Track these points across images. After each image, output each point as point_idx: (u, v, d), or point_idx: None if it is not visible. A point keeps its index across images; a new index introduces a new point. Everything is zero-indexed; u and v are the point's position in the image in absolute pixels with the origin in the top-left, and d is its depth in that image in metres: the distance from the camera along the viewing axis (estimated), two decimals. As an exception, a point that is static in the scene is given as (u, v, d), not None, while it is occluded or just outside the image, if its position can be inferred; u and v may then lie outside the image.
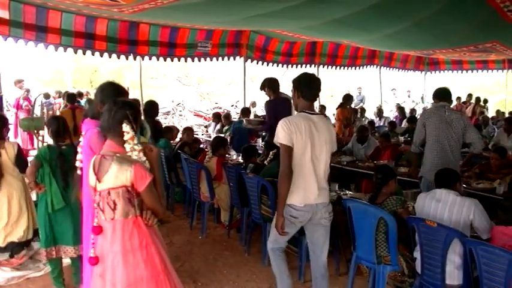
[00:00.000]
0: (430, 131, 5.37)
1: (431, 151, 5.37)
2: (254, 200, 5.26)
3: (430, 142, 5.37)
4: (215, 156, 6.24)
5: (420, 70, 16.86)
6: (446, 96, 5.52)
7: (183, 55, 10.12)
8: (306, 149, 3.57)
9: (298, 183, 3.58)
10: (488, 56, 12.47)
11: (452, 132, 5.26)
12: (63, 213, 4.35)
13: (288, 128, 3.60)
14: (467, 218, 3.66)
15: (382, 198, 4.22)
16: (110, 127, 2.79)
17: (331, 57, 13.14)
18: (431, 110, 5.54)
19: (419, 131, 5.52)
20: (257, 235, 5.65)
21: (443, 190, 3.88)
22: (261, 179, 5.14)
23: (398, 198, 4.21)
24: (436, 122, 5.32)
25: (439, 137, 5.29)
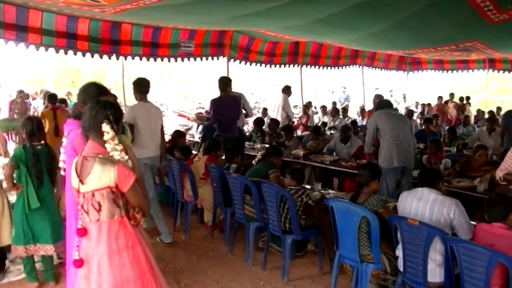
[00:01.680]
0: (382, 127, 5.96)
1: (386, 141, 5.92)
2: (237, 200, 5.26)
3: (384, 134, 5.93)
4: (205, 155, 6.20)
5: (402, 70, 17.00)
6: (391, 104, 6.33)
7: (166, 55, 10.06)
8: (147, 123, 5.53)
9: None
10: (469, 55, 12.60)
11: (403, 123, 5.96)
12: (39, 213, 4.38)
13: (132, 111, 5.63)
14: (447, 217, 3.69)
15: (363, 198, 4.24)
16: (91, 127, 2.76)
17: (314, 57, 13.18)
18: (378, 112, 6.10)
19: (370, 133, 6.11)
20: (240, 235, 5.65)
21: (425, 189, 3.91)
22: (244, 179, 5.14)
23: (379, 199, 4.24)
24: (389, 119, 5.95)
25: (392, 128, 5.90)
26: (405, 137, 5.93)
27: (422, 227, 3.58)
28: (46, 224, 4.41)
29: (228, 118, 7.70)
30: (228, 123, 7.72)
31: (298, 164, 7.47)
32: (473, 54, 11.97)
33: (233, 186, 5.30)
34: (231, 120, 7.79)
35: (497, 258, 3.07)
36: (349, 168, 6.81)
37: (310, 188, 5.63)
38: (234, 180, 5.28)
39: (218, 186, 5.68)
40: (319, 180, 6.52)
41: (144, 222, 2.98)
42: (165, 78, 25.95)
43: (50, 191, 4.47)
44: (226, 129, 7.67)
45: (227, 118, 7.68)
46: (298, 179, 5.02)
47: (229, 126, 7.75)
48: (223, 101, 7.66)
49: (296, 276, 4.90)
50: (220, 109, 7.59)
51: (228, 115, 7.67)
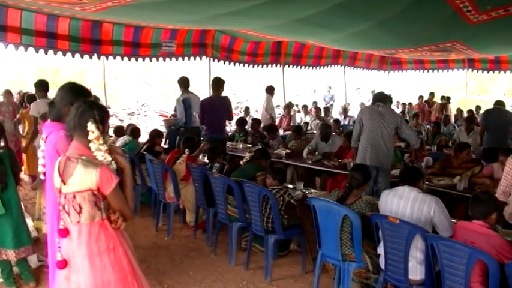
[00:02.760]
0: (365, 123, 5.99)
1: (363, 139, 5.98)
2: (220, 200, 5.26)
3: (365, 133, 5.96)
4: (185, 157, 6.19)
5: (384, 69, 17.12)
6: (381, 99, 6.16)
7: (147, 55, 10.00)
8: None
9: None
10: (449, 55, 12.74)
11: (385, 124, 5.88)
12: (1, 217, 4.30)
13: None
14: (428, 215, 3.73)
15: (352, 200, 4.27)
16: (76, 126, 2.73)
17: (296, 57, 13.21)
18: (366, 107, 6.14)
19: (356, 127, 6.11)
20: (223, 235, 5.64)
21: (406, 187, 3.95)
22: (226, 179, 5.14)
23: (367, 202, 4.27)
24: (370, 116, 5.95)
25: (373, 129, 5.91)
26: (384, 136, 5.90)
27: (403, 225, 3.61)
28: (7, 229, 4.32)
29: (217, 119, 7.72)
30: (216, 124, 7.73)
31: (281, 164, 7.48)
32: (452, 54, 12.12)
33: (216, 187, 5.28)
34: (219, 122, 7.81)
35: (476, 255, 3.12)
36: (331, 168, 6.84)
37: (292, 187, 5.64)
38: (216, 180, 5.26)
39: (200, 186, 5.66)
40: (302, 179, 6.54)
41: None
42: (147, 78, 25.80)
43: (14, 194, 4.40)
44: (214, 131, 7.69)
45: (216, 119, 7.71)
46: (279, 179, 5.02)
47: (218, 127, 7.77)
48: (213, 102, 7.71)
49: (279, 276, 4.91)
50: (210, 110, 7.64)
51: (217, 116, 7.70)
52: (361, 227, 3.93)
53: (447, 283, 3.33)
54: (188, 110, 8.08)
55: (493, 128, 7.97)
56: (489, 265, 3.07)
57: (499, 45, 9.77)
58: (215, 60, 11.25)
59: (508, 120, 7.98)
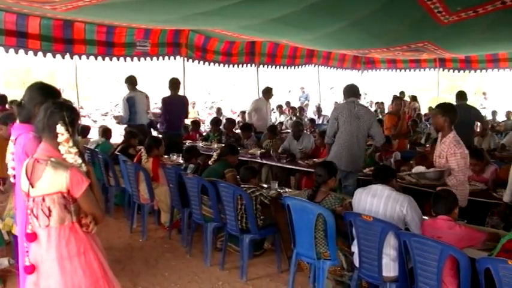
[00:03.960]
0: (341, 123, 5.89)
1: (339, 142, 5.90)
2: (195, 200, 5.24)
3: (340, 134, 5.89)
4: (150, 157, 6.14)
5: (357, 69, 17.23)
6: (354, 92, 6.09)
7: (121, 55, 9.89)
8: None
9: None
10: (420, 55, 12.93)
11: (361, 126, 5.84)
12: None
13: None
14: (400, 213, 3.77)
15: (321, 197, 4.28)
16: (45, 127, 2.66)
17: (270, 56, 13.22)
18: (343, 105, 6.05)
19: (332, 123, 5.99)
20: (198, 236, 5.63)
21: (379, 185, 3.98)
22: (201, 179, 5.12)
23: (336, 197, 4.29)
24: (347, 116, 5.85)
25: (349, 130, 5.84)
26: (360, 141, 5.90)
27: (376, 223, 3.65)
28: None
29: (176, 117, 8.33)
30: (176, 121, 8.33)
31: (256, 164, 7.48)
32: (424, 54, 12.30)
33: (190, 187, 5.27)
34: (178, 119, 8.42)
35: (448, 251, 3.17)
36: (305, 167, 6.88)
37: (267, 187, 5.65)
38: (190, 180, 5.25)
39: (175, 187, 5.63)
40: (277, 179, 6.55)
41: None
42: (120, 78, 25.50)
43: None
44: (172, 127, 8.29)
45: (176, 117, 8.32)
46: (248, 177, 5.04)
47: (177, 124, 8.38)
48: (173, 100, 8.30)
49: (255, 276, 4.92)
50: (170, 108, 8.25)
51: (176, 114, 8.28)
52: (335, 225, 3.95)
53: (420, 279, 3.37)
54: (132, 107, 8.36)
55: (458, 126, 8.06)
56: (460, 261, 3.12)
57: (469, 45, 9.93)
58: (189, 60, 11.20)
59: (473, 117, 7.91)
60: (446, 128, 4.69)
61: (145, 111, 8.59)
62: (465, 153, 4.56)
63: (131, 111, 8.35)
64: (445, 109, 4.76)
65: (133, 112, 8.35)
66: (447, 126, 4.68)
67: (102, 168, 6.98)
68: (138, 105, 8.37)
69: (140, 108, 8.40)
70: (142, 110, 8.45)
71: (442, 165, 4.68)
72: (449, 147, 4.60)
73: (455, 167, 4.55)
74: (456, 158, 4.55)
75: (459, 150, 4.55)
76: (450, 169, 4.59)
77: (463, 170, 4.56)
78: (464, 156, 4.55)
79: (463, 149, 4.57)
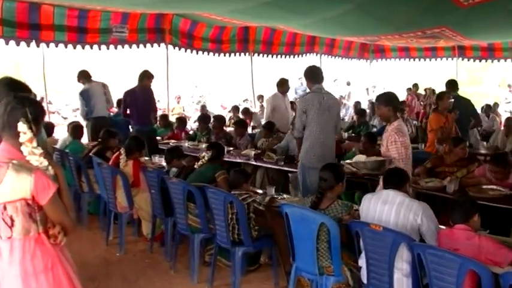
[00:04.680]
0: (310, 117, 6.00)
1: (309, 136, 6.03)
2: (179, 208, 5.24)
3: (311, 128, 6.01)
4: (130, 159, 6.11)
5: (365, 58, 17.30)
6: (319, 77, 6.23)
7: (95, 42, 9.91)
8: None
9: None
10: (437, 42, 12.94)
11: (330, 118, 6.03)
12: None
13: None
14: (414, 222, 3.77)
15: (326, 204, 4.27)
16: (5, 125, 2.64)
17: (266, 44, 13.26)
18: (311, 96, 6.10)
19: (300, 117, 6.09)
20: (184, 249, 5.62)
21: (391, 191, 3.98)
22: (186, 185, 5.11)
23: (344, 204, 4.29)
24: (316, 109, 5.96)
25: (319, 123, 5.97)
26: (330, 133, 6.07)
27: (386, 233, 3.64)
28: None
29: (140, 111, 8.59)
30: (141, 116, 8.61)
31: (250, 166, 7.47)
32: (441, 41, 12.32)
33: (174, 193, 5.26)
34: (143, 113, 8.64)
35: (468, 265, 3.15)
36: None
37: (262, 192, 5.65)
38: (175, 186, 5.24)
39: (157, 193, 5.63)
40: (273, 184, 6.55)
41: None
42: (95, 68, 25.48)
43: None
44: (139, 122, 8.63)
45: (139, 111, 8.60)
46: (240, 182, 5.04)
47: (143, 119, 8.63)
48: (135, 94, 8.59)
49: (248, 294, 4.92)
50: (131, 102, 8.58)
51: (140, 108, 8.59)
52: (339, 235, 3.95)
53: (436, 297, 3.37)
54: (89, 100, 9.07)
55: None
56: (482, 276, 3.10)
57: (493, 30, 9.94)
58: (175, 47, 11.19)
59: (469, 112, 8.09)
60: (392, 117, 5.03)
61: (104, 101, 9.20)
62: (406, 143, 4.88)
63: (89, 104, 9.06)
64: (386, 99, 5.12)
65: (92, 105, 8.99)
66: (393, 115, 5.03)
67: (73, 172, 6.95)
68: (94, 98, 9.08)
69: (97, 100, 9.07)
70: (100, 102, 9.11)
71: (383, 154, 5.08)
72: (391, 134, 4.93)
73: (396, 155, 4.86)
74: (397, 147, 4.86)
75: (400, 138, 4.85)
76: (391, 158, 4.90)
77: (404, 160, 4.85)
78: (406, 146, 4.86)
79: (404, 138, 4.88)
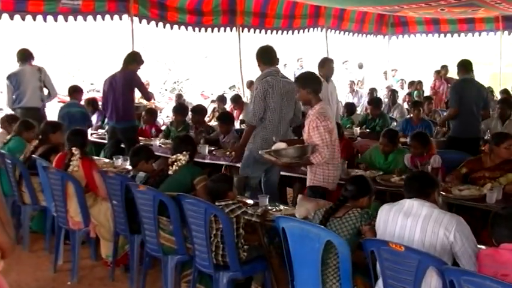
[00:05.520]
0: (268, 103, 6.63)
1: (267, 125, 6.68)
2: (149, 223, 5.23)
3: (268, 116, 6.67)
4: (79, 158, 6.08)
5: (382, 34, 17.28)
6: (271, 57, 6.86)
7: (40, 11, 9.84)
8: None
9: None
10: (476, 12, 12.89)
11: (288, 106, 6.70)
12: None
13: None
14: (445, 240, 3.74)
15: (343, 211, 4.32)
16: None
17: (257, 16, 13.27)
18: (269, 80, 6.65)
19: (258, 103, 6.66)
20: (154, 275, 5.63)
21: (415, 201, 3.96)
22: (158, 193, 5.08)
23: (364, 212, 4.29)
24: (274, 93, 6.62)
25: (278, 111, 6.65)
26: (287, 123, 6.72)
27: (410, 254, 3.62)
28: None
29: (115, 102, 8.72)
30: (115, 109, 8.71)
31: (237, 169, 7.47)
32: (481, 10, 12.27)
33: (142, 204, 5.25)
34: (118, 105, 8.71)
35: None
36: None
37: (253, 203, 5.65)
38: (143, 195, 5.22)
39: (120, 204, 5.62)
40: (267, 191, 6.53)
41: None
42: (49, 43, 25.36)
43: None
44: (112, 117, 8.79)
45: (114, 102, 8.72)
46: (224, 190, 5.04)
47: (117, 113, 8.70)
48: (113, 80, 8.79)
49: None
50: (107, 91, 8.82)
51: (115, 98, 8.72)
52: (350, 256, 3.94)
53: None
54: (17, 86, 9.21)
55: (467, 111, 8.24)
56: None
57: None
58: (142, 20, 11.19)
59: (480, 100, 8.28)
60: (313, 100, 5.60)
61: (37, 89, 9.30)
62: (330, 127, 5.45)
63: (17, 91, 9.22)
64: (302, 81, 5.70)
65: (20, 92, 9.15)
66: (313, 98, 5.60)
67: (11, 178, 6.93)
68: (24, 83, 9.20)
69: (28, 87, 9.18)
70: (31, 89, 9.21)
71: (306, 142, 5.62)
72: (312, 120, 5.47)
73: (319, 142, 5.40)
74: (319, 132, 5.39)
75: (322, 123, 5.39)
76: (315, 145, 5.45)
77: (329, 146, 5.42)
78: (329, 130, 5.43)
79: (327, 122, 5.43)
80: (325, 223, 4.31)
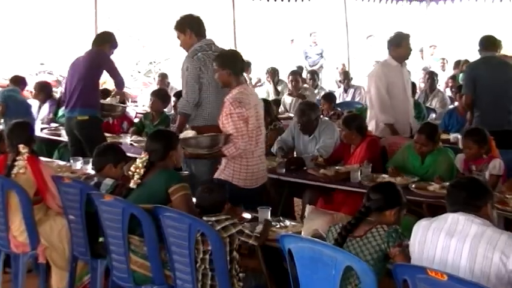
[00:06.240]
0: (205, 85, 7.07)
1: (202, 112, 7.11)
2: (116, 245, 5.22)
3: (204, 101, 7.10)
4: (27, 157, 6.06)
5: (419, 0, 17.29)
6: (201, 27, 7.34)
7: None
8: None
9: None
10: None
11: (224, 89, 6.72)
12: None
13: None
14: (502, 268, 3.70)
15: (364, 229, 4.28)
16: None
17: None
18: (203, 58, 7.06)
19: (193, 87, 7.09)
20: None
21: (461, 215, 3.92)
22: (129, 205, 5.06)
23: (392, 230, 4.23)
24: (209, 75, 6.90)
25: (216, 96, 6.97)
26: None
27: (455, 284, 3.59)
28: None
29: (71, 88, 8.93)
30: (72, 96, 8.88)
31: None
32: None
33: (108, 220, 5.24)
34: (90, 91, 8.87)
35: None
36: (321, 181, 6.88)
37: (251, 217, 5.65)
38: (110, 207, 5.22)
39: (79, 220, 5.61)
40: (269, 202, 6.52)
41: None
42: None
43: None
44: (75, 104, 8.85)
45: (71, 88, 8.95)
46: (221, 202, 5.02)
47: (83, 99, 8.79)
48: (76, 61, 9.03)
49: None
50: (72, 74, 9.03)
51: (85, 83, 8.82)
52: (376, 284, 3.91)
53: None
54: None
55: (489, 99, 8.33)
56: None
57: None
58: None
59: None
60: (233, 83, 6.16)
61: None
62: (245, 115, 5.98)
63: None
64: (223, 60, 6.23)
65: None
66: (234, 80, 6.16)
67: None
68: None
69: None
70: None
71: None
72: (226, 105, 6.03)
73: (233, 131, 5.95)
74: (233, 120, 5.94)
75: (236, 110, 5.95)
76: (228, 135, 5.96)
77: (244, 137, 5.97)
78: (245, 119, 5.97)
79: (242, 109, 5.97)
80: (341, 244, 4.27)
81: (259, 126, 6.21)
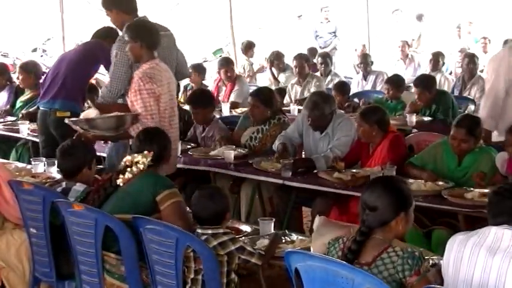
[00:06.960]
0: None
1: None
2: (88, 263, 5.24)
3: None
4: None
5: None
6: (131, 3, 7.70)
7: None
8: None
9: None
10: None
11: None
12: None
13: None
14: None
15: (372, 254, 4.23)
16: None
17: None
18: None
19: (122, 75, 7.24)
20: None
21: (506, 230, 3.93)
22: (104, 216, 5.08)
23: (407, 254, 4.19)
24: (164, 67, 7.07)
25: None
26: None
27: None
28: None
29: (70, 77, 8.92)
30: (64, 84, 8.90)
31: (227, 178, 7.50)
32: None
33: (78, 234, 5.25)
34: (76, 82, 8.97)
35: None
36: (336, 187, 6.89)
37: (251, 230, 5.68)
38: (80, 218, 5.22)
39: (43, 234, 5.63)
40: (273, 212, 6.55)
41: None
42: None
43: None
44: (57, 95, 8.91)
45: (71, 77, 8.93)
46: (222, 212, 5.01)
47: (67, 91, 8.87)
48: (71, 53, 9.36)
49: None
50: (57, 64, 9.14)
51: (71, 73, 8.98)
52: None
53: None
54: None
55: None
56: None
57: None
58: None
59: None
60: (144, 57, 6.57)
61: None
62: (157, 92, 6.41)
63: None
64: (135, 32, 6.63)
65: None
66: (146, 54, 6.56)
67: None
68: None
69: None
70: None
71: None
72: (134, 81, 6.49)
73: (142, 109, 6.37)
74: (142, 97, 6.38)
75: (146, 85, 6.38)
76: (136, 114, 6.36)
77: (155, 116, 6.39)
78: (156, 96, 6.42)
79: (153, 85, 6.41)
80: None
81: (172, 106, 6.63)
